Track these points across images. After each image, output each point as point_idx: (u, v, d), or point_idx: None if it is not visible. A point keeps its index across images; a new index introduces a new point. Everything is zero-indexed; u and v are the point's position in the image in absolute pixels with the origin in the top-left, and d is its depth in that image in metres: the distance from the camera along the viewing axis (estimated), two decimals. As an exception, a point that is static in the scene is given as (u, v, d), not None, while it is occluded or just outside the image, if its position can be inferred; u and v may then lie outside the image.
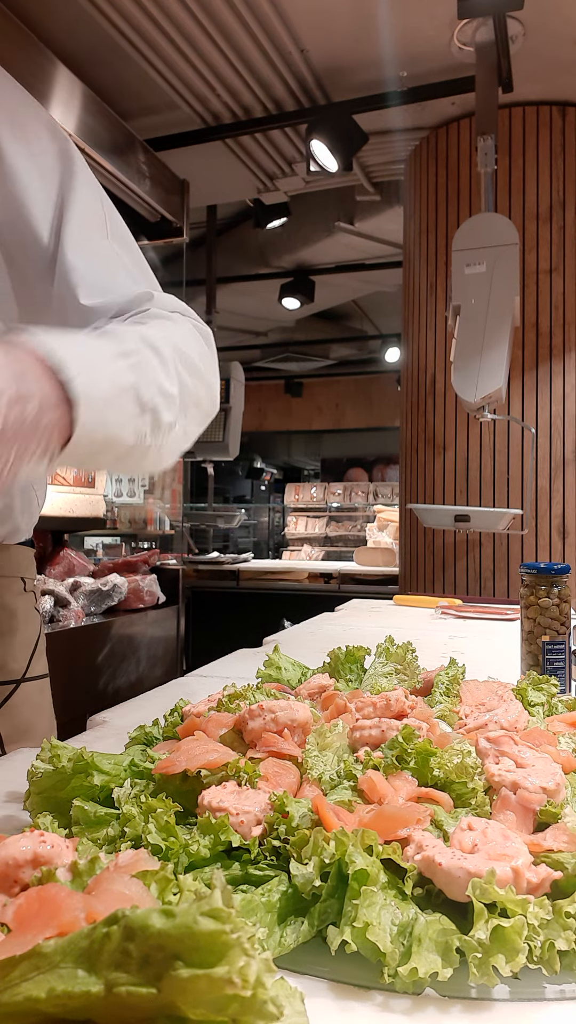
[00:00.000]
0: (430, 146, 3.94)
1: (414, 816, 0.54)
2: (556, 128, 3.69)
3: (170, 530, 4.37)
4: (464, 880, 0.46)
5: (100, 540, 4.28)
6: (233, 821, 0.54)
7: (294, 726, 0.69)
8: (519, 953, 0.42)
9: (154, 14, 3.07)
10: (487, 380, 2.46)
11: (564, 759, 0.65)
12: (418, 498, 3.92)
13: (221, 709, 0.77)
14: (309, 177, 4.39)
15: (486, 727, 0.72)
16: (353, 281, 6.26)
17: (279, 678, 1.03)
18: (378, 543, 6.08)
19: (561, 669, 1.11)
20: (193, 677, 1.35)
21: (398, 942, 0.45)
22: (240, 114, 3.86)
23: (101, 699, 2.97)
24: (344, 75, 3.55)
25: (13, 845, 0.47)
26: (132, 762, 0.67)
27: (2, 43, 2.59)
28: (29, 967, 0.34)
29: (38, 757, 0.65)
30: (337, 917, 0.47)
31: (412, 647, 1.05)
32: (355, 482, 9.02)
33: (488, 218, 2.61)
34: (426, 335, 3.93)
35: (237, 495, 11.88)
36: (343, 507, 8.52)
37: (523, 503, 3.54)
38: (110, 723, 1.02)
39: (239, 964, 0.31)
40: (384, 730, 0.68)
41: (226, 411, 4.67)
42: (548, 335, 3.65)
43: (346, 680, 1.01)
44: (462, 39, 3.22)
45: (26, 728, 1.10)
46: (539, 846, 0.51)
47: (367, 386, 10.33)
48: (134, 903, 0.41)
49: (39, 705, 1.14)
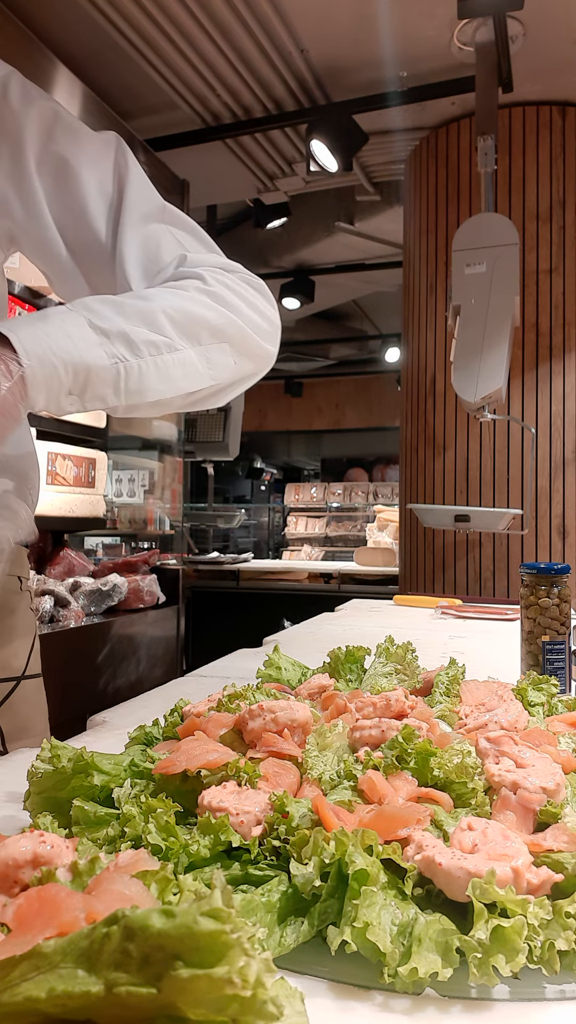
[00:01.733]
0: (430, 146, 3.94)
1: (414, 816, 0.54)
2: (556, 128, 3.69)
3: (170, 530, 4.37)
4: (464, 880, 0.46)
5: (100, 540, 4.28)
6: (233, 821, 0.54)
7: (294, 726, 0.69)
8: (519, 953, 0.42)
9: (154, 14, 3.07)
10: (487, 380, 2.46)
11: (564, 759, 0.65)
12: (418, 498, 3.92)
13: (221, 709, 0.77)
14: (309, 177, 4.39)
15: (486, 727, 0.72)
16: (353, 281, 6.26)
17: (279, 678, 1.03)
18: (378, 543, 6.08)
19: (561, 669, 1.11)
20: (193, 677, 1.35)
21: (398, 942, 0.45)
22: (240, 114, 3.86)
23: (101, 699, 2.97)
24: (344, 75, 3.55)
25: (13, 845, 0.47)
26: (132, 762, 0.67)
27: (2, 43, 2.59)
28: (29, 967, 0.34)
29: (38, 757, 0.64)
30: (337, 917, 0.47)
31: (412, 647, 1.05)
32: (355, 482, 9.02)
33: (488, 218, 2.61)
34: (426, 335, 3.93)
35: (237, 495, 11.88)
36: (343, 507, 8.52)
37: (523, 503, 3.54)
38: (110, 723, 1.02)
39: (239, 964, 0.31)
40: (384, 730, 0.68)
41: (226, 411, 4.67)
42: (548, 335, 3.65)
43: (346, 680, 1.01)
44: (462, 39, 3.22)
45: (25, 725, 1.11)
46: (539, 846, 0.51)
47: (367, 386, 10.33)
48: (134, 903, 0.41)
49: (37, 703, 1.16)
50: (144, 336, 0.83)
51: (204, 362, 0.90)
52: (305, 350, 8.74)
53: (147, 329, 0.83)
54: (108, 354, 0.80)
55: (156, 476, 4.26)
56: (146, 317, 0.84)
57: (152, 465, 4.27)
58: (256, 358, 0.98)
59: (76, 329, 0.78)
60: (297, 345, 8.50)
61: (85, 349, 0.78)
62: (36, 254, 0.98)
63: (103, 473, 3.41)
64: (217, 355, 0.91)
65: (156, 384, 0.85)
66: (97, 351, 0.79)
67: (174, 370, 0.86)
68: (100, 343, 0.79)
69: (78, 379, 0.78)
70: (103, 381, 0.80)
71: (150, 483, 4.19)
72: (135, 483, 4.12)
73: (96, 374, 0.79)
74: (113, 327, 0.81)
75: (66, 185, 0.93)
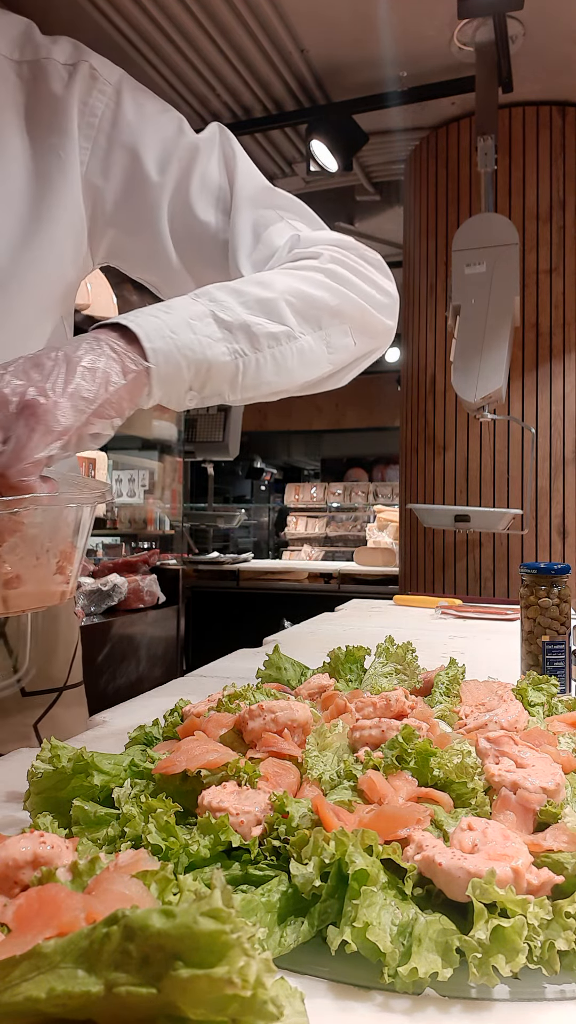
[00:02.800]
0: (430, 146, 3.94)
1: (414, 816, 0.54)
2: (556, 128, 3.69)
3: (170, 530, 4.37)
4: (464, 880, 0.46)
5: (100, 540, 4.28)
6: (233, 821, 0.54)
7: (294, 726, 0.69)
8: (519, 953, 0.42)
9: (154, 14, 3.08)
10: (487, 380, 2.46)
11: (564, 759, 0.65)
12: (418, 498, 3.92)
13: (221, 709, 0.76)
14: (309, 177, 4.39)
15: (486, 727, 0.72)
16: (353, 281, 6.24)
17: (279, 678, 1.03)
18: (378, 543, 6.08)
19: (561, 669, 1.11)
20: (193, 677, 1.35)
21: (398, 942, 0.45)
22: (240, 114, 3.86)
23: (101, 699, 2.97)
24: (344, 75, 3.55)
25: (13, 846, 0.47)
26: (132, 762, 0.67)
27: (2, 43, 2.58)
28: (29, 967, 0.33)
29: (38, 757, 0.64)
30: (337, 917, 0.47)
31: (412, 647, 1.05)
32: (355, 482, 9.02)
33: (488, 218, 2.61)
34: (426, 335, 3.93)
35: (237, 495, 11.87)
36: (343, 507, 8.52)
37: (523, 503, 3.54)
38: (110, 723, 1.02)
39: (239, 964, 0.31)
40: (384, 730, 0.68)
41: (226, 411, 4.68)
42: (548, 335, 3.65)
43: (346, 680, 1.01)
44: (462, 39, 3.22)
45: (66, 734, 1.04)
46: (539, 846, 0.51)
47: (367, 386, 10.32)
48: (134, 903, 0.41)
49: (78, 711, 1.12)
50: (265, 328, 0.81)
51: (324, 346, 0.87)
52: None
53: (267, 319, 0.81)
54: (230, 350, 0.78)
55: (156, 476, 4.27)
56: (266, 306, 0.82)
57: (152, 465, 4.27)
58: (376, 334, 0.95)
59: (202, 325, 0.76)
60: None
61: (209, 346, 0.76)
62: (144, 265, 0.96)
63: (103, 473, 3.41)
64: (338, 337, 0.89)
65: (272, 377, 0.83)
66: (220, 347, 0.77)
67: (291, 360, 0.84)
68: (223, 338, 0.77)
69: (199, 376, 0.76)
70: (222, 377, 0.79)
71: (150, 483, 4.19)
72: (135, 483, 4.12)
73: (217, 371, 0.77)
74: (236, 319, 0.78)
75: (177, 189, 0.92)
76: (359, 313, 0.91)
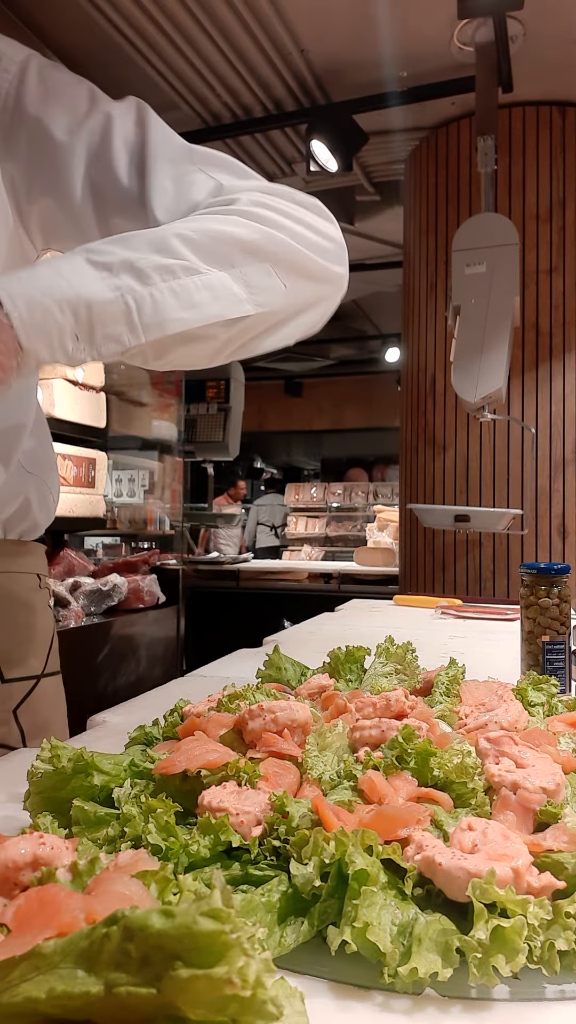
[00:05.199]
0: (430, 146, 3.94)
1: (414, 816, 0.54)
2: (556, 128, 3.69)
3: (170, 530, 4.37)
4: (464, 880, 0.46)
5: (100, 540, 4.28)
6: (233, 821, 0.54)
7: (294, 726, 0.69)
8: (519, 953, 0.42)
9: (154, 14, 3.07)
10: (487, 380, 2.46)
11: (564, 759, 0.65)
12: (418, 498, 3.92)
13: (221, 709, 0.76)
14: (309, 177, 4.39)
15: (486, 727, 0.72)
16: (353, 281, 6.19)
17: (279, 678, 1.03)
18: (378, 543, 6.07)
19: (561, 669, 1.11)
20: (193, 677, 1.35)
21: (398, 942, 0.45)
22: (240, 114, 3.86)
23: (101, 699, 2.97)
24: (344, 75, 3.55)
25: (12, 848, 0.47)
26: (132, 762, 0.67)
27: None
28: (29, 967, 0.33)
29: (38, 757, 0.64)
30: (337, 917, 0.47)
31: (412, 647, 1.05)
32: (355, 482, 9.02)
33: (488, 218, 2.61)
34: (426, 335, 3.93)
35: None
36: (343, 507, 8.52)
37: (523, 503, 3.54)
38: (110, 723, 1.02)
39: (239, 964, 0.31)
40: (384, 730, 0.68)
41: (226, 411, 4.68)
42: (548, 335, 3.65)
43: (346, 680, 1.01)
44: (462, 39, 3.22)
45: (45, 724, 1.10)
46: (539, 846, 0.51)
47: (367, 386, 10.33)
48: (134, 903, 0.41)
49: (56, 701, 1.16)
50: (154, 262, 0.75)
51: (241, 285, 0.80)
52: (305, 350, 8.74)
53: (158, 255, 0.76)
54: (111, 287, 0.72)
55: (156, 476, 4.27)
56: (156, 243, 0.76)
57: (152, 465, 4.27)
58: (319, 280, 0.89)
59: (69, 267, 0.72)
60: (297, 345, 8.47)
61: (80, 284, 0.70)
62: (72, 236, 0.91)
63: (103, 473, 3.41)
64: (258, 277, 0.82)
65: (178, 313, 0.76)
66: (96, 284, 0.71)
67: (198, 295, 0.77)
68: (100, 277, 0.72)
69: (80, 318, 0.71)
70: (112, 318, 0.72)
71: (150, 483, 4.19)
72: (135, 483, 4.13)
73: (100, 309, 0.71)
74: (115, 259, 0.74)
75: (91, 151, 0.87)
76: (287, 253, 0.85)
